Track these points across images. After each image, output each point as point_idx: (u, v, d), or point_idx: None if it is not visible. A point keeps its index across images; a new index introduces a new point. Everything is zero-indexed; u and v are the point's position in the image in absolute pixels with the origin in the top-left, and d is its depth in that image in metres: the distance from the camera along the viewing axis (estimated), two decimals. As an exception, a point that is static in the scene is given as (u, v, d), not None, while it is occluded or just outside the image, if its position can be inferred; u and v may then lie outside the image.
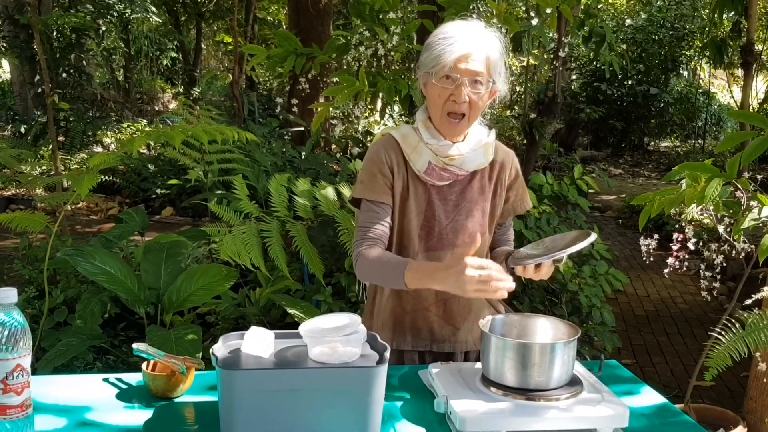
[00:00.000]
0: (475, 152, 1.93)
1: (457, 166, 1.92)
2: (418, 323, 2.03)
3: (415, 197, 1.96)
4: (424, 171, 1.92)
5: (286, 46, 3.82)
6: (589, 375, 1.74)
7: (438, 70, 1.82)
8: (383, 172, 1.93)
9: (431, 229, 1.97)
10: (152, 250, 3.63)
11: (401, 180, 1.95)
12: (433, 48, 1.84)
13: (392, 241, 2.00)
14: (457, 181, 1.97)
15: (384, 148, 1.96)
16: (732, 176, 2.69)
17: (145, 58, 18.76)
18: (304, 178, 4.04)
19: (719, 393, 4.21)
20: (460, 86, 1.82)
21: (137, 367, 1.75)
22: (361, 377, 1.48)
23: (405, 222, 1.97)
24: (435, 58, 1.82)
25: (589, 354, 3.80)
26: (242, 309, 3.77)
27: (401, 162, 1.95)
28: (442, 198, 1.97)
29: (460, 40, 1.81)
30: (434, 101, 1.88)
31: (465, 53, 1.80)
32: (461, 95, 1.82)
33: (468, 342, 2.06)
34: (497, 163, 2.01)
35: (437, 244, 1.98)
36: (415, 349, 2.05)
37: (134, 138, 3.47)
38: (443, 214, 1.97)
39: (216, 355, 1.52)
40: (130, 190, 9.11)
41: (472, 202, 1.98)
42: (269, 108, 11.79)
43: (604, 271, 4.01)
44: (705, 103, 16.59)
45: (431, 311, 2.02)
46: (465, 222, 1.98)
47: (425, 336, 2.04)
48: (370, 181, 1.94)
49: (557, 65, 5.22)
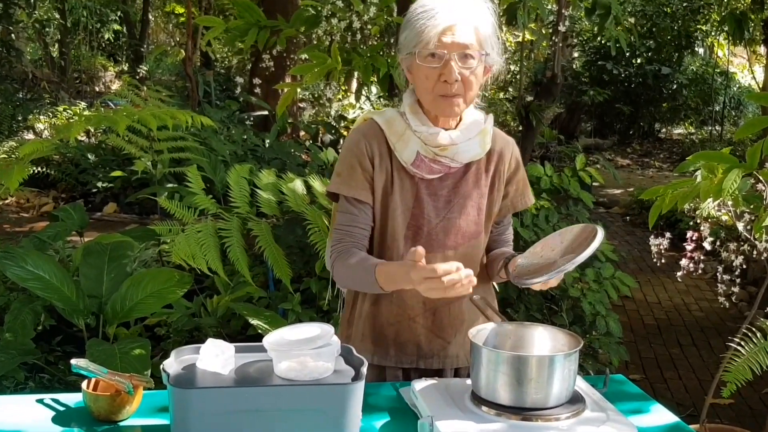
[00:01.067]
0: (470, 141, 1.93)
1: (450, 157, 1.91)
2: (402, 336, 2.03)
3: (401, 192, 1.95)
4: (412, 162, 1.92)
5: (247, 17, 3.80)
6: (593, 391, 1.75)
7: (422, 48, 1.82)
8: (363, 165, 1.94)
9: (419, 228, 1.97)
10: (93, 253, 3.60)
11: (384, 173, 1.95)
12: (412, 25, 1.84)
13: (374, 243, 2.00)
14: (450, 174, 1.96)
15: (365, 136, 1.96)
16: (753, 167, 2.72)
17: (83, 31, 18.58)
18: (269, 169, 4.03)
19: (739, 412, 4.26)
20: (448, 63, 1.81)
21: (76, 387, 1.74)
22: (334, 396, 1.49)
23: (389, 221, 1.97)
24: (416, 35, 1.82)
25: (593, 368, 3.83)
26: (197, 320, 3.76)
27: (385, 152, 1.95)
28: (432, 193, 1.97)
29: (442, 11, 1.80)
30: (422, 84, 1.87)
31: (449, 24, 1.80)
32: (452, 73, 1.81)
33: (460, 357, 2.06)
34: (495, 153, 2.01)
35: (426, 246, 1.92)
36: (399, 366, 2.04)
37: (71, 123, 3.44)
38: (433, 212, 1.97)
39: (167, 371, 1.52)
40: (66, 183, 9.04)
41: (466, 198, 1.98)
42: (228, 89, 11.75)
43: (610, 274, 4.05)
44: (723, 84, 16.75)
45: (418, 322, 2.02)
46: (458, 220, 1.98)
47: (411, 350, 2.04)
48: (349, 175, 1.94)
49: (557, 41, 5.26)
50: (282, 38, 3.88)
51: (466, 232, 1.98)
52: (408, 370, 2.05)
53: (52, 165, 8.94)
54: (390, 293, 1.98)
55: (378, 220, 1.98)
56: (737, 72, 18.11)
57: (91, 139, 10.34)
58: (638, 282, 6.54)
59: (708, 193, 2.70)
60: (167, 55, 18.98)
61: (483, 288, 2.09)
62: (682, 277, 2.94)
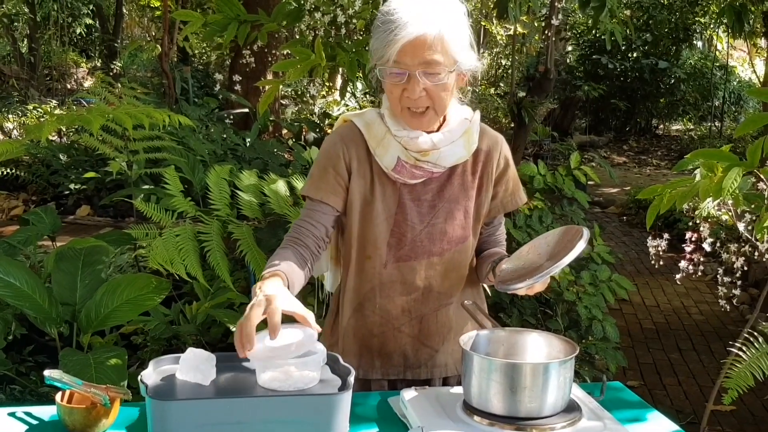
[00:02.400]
0: (453, 144, 1.91)
1: (432, 162, 1.90)
2: (388, 346, 2.03)
3: (382, 199, 1.95)
4: (393, 168, 1.91)
5: (226, 11, 3.80)
6: (589, 399, 1.76)
7: (383, 62, 1.80)
8: (337, 170, 1.93)
9: (403, 235, 1.96)
10: (66, 258, 3.59)
11: (363, 180, 1.94)
12: (377, 35, 1.81)
13: (351, 254, 1.99)
14: (434, 178, 1.95)
15: (342, 141, 1.95)
16: (754, 165, 2.74)
17: (54, 25, 18.52)
18: (250, 169, 4.03)
19: (741, 419, 4.29)
20: (412, 78, 1.79)
21: (50, 399, 1.74)
22: (320, 406, 1.49)
23: (369, 229, 1.96)
24: (378, 50, 1.80)
25: (589, 375, 3.84)
26: (176, 327, 3.75)
27: (364, 157, 1.94)
28: (416, 198, 1.96)
29: (403, 21, 1.75)
30: (389, 96, 1.87)
31: (411, 38, 1.74)
32: (415, 90, 1.79)
33: (448, 365, 2.07)
34: (482, 153, 1.99)
35: (410, 254, 1.97)
36: (386, 378, 2.05)
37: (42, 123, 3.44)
38: (417, 218, 1.96)
39: (145, 382, 1.52)
40: (37, 185, 9.00)
41: (452, 202, 1.97)
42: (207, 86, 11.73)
43: (607, 277, 4.06)
44: (723, 79, 16.87)
45: (404, 331, 2.02)
46: (443, 226, 1.97)
47: (397, 361, 2.04)
48: (320, 178, 1.94)
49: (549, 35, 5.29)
50: (263, 33, 3.88)
51: (452, 237, 1.98)
52: (394, 382, 2.05)
53: (21, 166, 8.89)
54: (373, 303, 1.99)
55: (357, 227, 1.97)
56: (737, 66, 18.25)
57: (62, 139, 10.30)
58: (636, 285, 6.57)
59: (707, 193, 2.71)
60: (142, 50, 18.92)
61: (472, 292, 2.10)
62: (682, 280, 2.96)
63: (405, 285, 1.99)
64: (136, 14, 22.13)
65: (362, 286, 2.02)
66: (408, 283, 1.98)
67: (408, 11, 1.76)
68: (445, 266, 2.00)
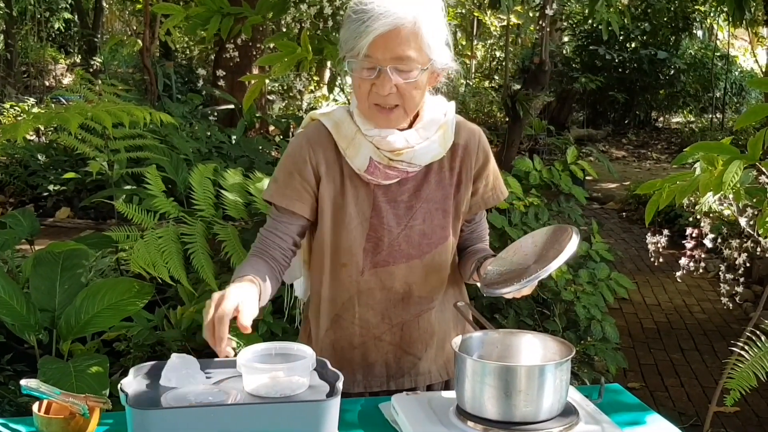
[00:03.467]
0: (428, 141, 1.87)
1: (406, 161, 1.86)
2: (369, 357, 2.01)
3: (355, 202, 1.91)
4: (365, 169, 1.87)
5: (209, 3, 3.80)
6: (587, 403, 1.77)
7: (353, 55, 1.76)
8: (303, 175, 1.90)
9: (379, 240, 1.93)
10: (44, 262, 3.58)
11: (333, 184, 1.91)
12: (349, 24, 1.77)
13: (325, 262, 1.96)
14: (409, 177, 1.91)
15: (309, 143, 1.91)
16: (755, 158, 2.75)
17: (31, 20, 18.47)
18: (235, 168, 4.03)
19: (745, 420, 4.31)
20: (382, 74, 1.75)
21: (27, 410, 1.74)
22: (308, 413, 1.49)
23: (343, 235, 1.92)
24: (346, 42, 1.76)
25: (588, 377, 3.85)
26: (160, 333, 3.75)
27: (333, 159, 1.90)
28: (391, 200, 1.92)
29: (376, 12, 1.71)
30: (356, 91, 1.82)
31: (383, 31, 1.71)
32: (384, 87, 1.75)
33: (432, 373, 2.05)
34: (460, 147, 1.95)
35: (388, 258, 1.94)
36: (368, 390, 2.02)
37: (19, 122, 3.43)
38: (393, 220, 1.93)
39: (125, 391, 1.51)
40: (14, 186, 8.97)
41: (430, 202, 1.94)
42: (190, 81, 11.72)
43: (606, 275, 4.07)
44: (724, 69, 16.91)
45: (384, 340, 2.00)
46: (422, 227, 1.94)
47: (379, 372, 2.02)
48: (285, 184, 1.91)
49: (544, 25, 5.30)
50: (247, 26, 3.88)
51: (431, 238, 1.95)
52: (377, 394, 2.01)
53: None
54: (352, 313, 1.97)
55: (329, 234, 1.94)
56: (739, 56, 18.29)
57: (41, 138, 10.28)
58: (636, 283, 6.59)
59: (708, 187, 2.72)
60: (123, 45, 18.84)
61: (454, 293, 2.08)
62: (683, 277, 2.97)
63: (384, 291, 1.96)
64: (117, 8, 22.09)
65: (339, 296, 1.98)
66: (387, 289, 1.95)
67: (382, 2, 1.72)
68: (426, 269, 1.97)
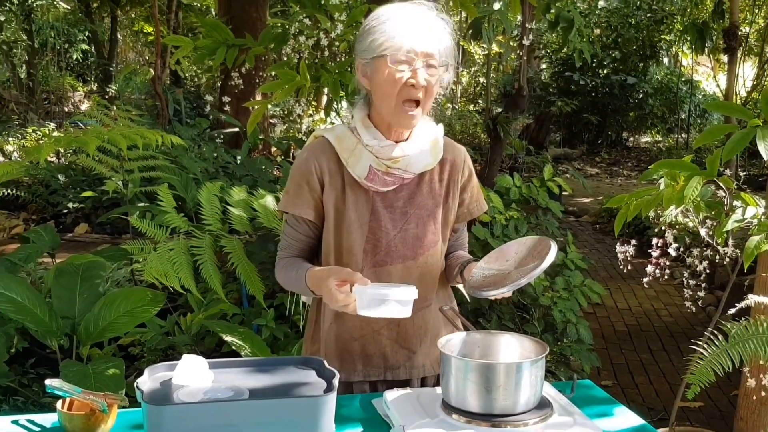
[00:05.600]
0: (421, 152, 1.96)
1: (402, 168, 1.94)
2: (368, 349, 2.05)
3: (355, 207, 1.97)
4: (365, 177, 1.94)
5: (215, 36, 3.82)
6: (560, 397, 1.79)
7: (393, 51, 1.84)
8: (310, 184, 1.97)
9: (378, 241, 1.99)
10: (65, 274, 3.59)
11: (335, 191, 1.97)
12: (380, 29, 1.86)
13: (330, 260, 2.02)
14: (404, 185, 1.99)
15: (314, 155, 1.98)
16: (713, 174, 2.78)
17: (51, 51, 18.47)
18: (240, 186, 4.04)
19: (709, 415, 4.32)
20: (416, 69, 1.85)
21: (51, 408, 1.75)
22: (307, 408, 1.51)
23: (345, 237, 1.98)
24: (388, 40, 1.84)
25: (564, 375, 3.87)
26: (171, 338, 3.76)
27: (335, 169, 1.97)
28: (388, 205, 1.99)
29: (411, 20, 1.84)
30: (386, 89, 1.88)
31: (420, 32, 1.84)
32: (419, 78, 1.85)
33: (425, 366, 2.09)
34: (447, 162, 2.04)
35: (385, 258, 1.99)
36: (367, 379, 2.06)
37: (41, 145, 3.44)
38: (390, 224, 1.99)
39: (141, 389, 1.53)
40: (37, 204, 8.96)
41: (422, 208, 2.01)
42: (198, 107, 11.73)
43: (580, 282, 4.10)
44: (688, 93, 16.97)
45: (383, 334, 2.04)
46: (416, 231, 2.00)
47: (377, 363, 2.06)
48: (295, 194, 1.99)
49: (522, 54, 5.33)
50: (250, 56, 3.91)
51: (424, 242, 2.01)
52: (375, 383, 2.07)
53: (21, 187, 8.86)
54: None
55: (332, 235, 2.00)
56: (702, 80, 18.36)
57: (60, 160, 10.26)
58: (608, 289, 6.63)
59: (671, 201, 2.75)
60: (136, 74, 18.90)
61: (443, 294, 2.14)
62: (651, 283, 2.99)
63: None
64: (130, 39, 22.13)
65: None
66: None
67: (414, 13, 1.87)
68: (420, 270, 2.02)
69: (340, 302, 1.76)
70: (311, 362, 1.73)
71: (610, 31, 15.65)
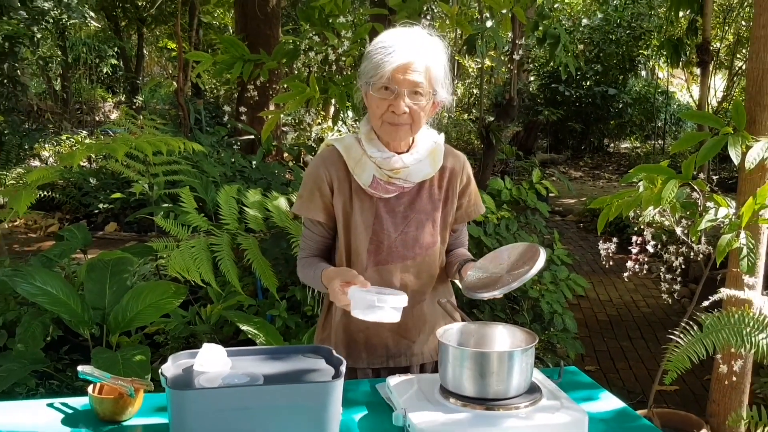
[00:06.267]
0: (420, 163, 1.94)
1: (403, 178, 1.93)
2: (372, 339, 2.05)
3: (361, 212, 1.97)
4: (369, 185, 1.94)
5: (232, 51, 3.82)
6: (548, 382, 1.78)
7: (376, 80, 1.83)
8: (321, 190, 1.97)
9: (380, 242, 1.99)
10: (96, 269, 3.59)
11: (343, 196, 1.97)
12: (371, 57, 1.85)
13: (342, 259, 2.02)
14: (405, 192, 1.98)
15: (324, 164, 1.98)
16: (687, 177, 2.78)
17: (83, 66, 18.48)
18: (255, 188, 4.04)
19: (684, 397, 4.31)
20: (398, 97, 1.83)
21: (83, 392, 1.75)
22: (316, 393, 1.50)
23: (351, 238, 1.99)
24: (373, 68, 1.83)
25: (552, 361, 3.86)
26: (193, 327, 3.75)
27: (343, 176, 1.97)
28: (390, 210, 1.98)
29: (399, 49, 1.81)
30: (373, 112, 1.89)
31: (404, 63, 1.81)
32: (400, 106, 1.83)
33: (424, 354, 2.09)
34: (447, 170, 2.03)
35: (387, 258, 1.99)
36: (371, 367, 2.06)
37: (74, 151, 3.44)
38: (392, 227, 1.99)
39: (165, 375, 1.52)
40: (70, 205, 8.97)
41: (422, 213, 2.00)
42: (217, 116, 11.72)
43: (565, 276, 4.09)
44: (664, 103, 16.94)
45: (385, 326, 2.02)
46: (415, 233, 2.00)
47: (381, 352, 2.06)
48: (308, 199, 2.00)
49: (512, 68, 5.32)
50: (265, 70, 3.90)
51: (423, 243, 2.01)
52: (378, 370, 2.07)
53: (57, 189, 8.87)
54: None
55: (342, 236, 2.00)
56: (677, 91, 18.33)
57: (92, 164, 10.27)
58: (591, 282, 6.62)
59: (649, 202, 2.75)
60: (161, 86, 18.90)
61: (442, 288, 2.13)
62: (630, 277, 2.99)
63: (384, 285, 1.99)
64: (155, 55, 22.15)
65: None
66: (387, 284, 1.99)
67: (404, 41, 1.83)
68: (418, 268, 2.02)
69: (342, 302, 1.79)
70: (320, 350, 1.73)
71: (593, 46, 15.62)
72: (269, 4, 9.70)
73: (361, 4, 9.35)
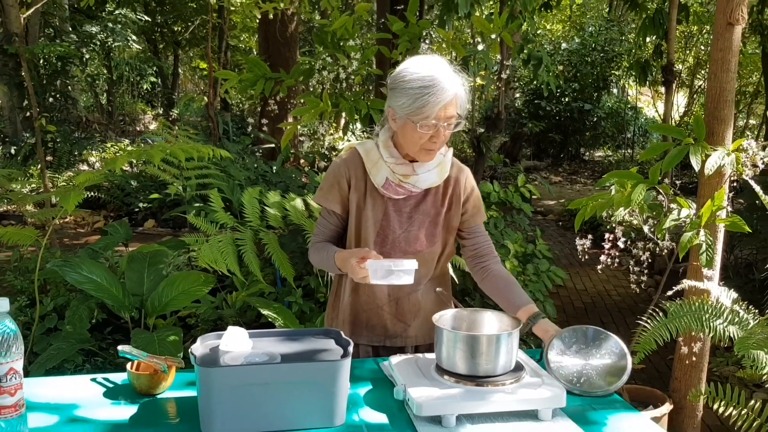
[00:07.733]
0: (428, 172, 1.92)
1: (411, 183, 1.92)
2: (372, 320, 2.05)
3: (372, 208, 1.97)
4: (382, 185, 1.93)
5: (256, 71, 3.81)
6: (531, 361, 1.77)
7: (422, 119, 1.78)
8: (341, 185, 1.96)
9: (386, 237, 1.98)
10: (136, 260, 3.60)
11: (358, 193, 1.96)
12: (411, 94, 1.77)
13: (350, 247, 2.01)
14: (412, 195, 1.97)
15: (346, 163, 1.97)
16: (654, 182, 2.76)
17: (126, 82, 18.52)
18: (275, 190, 4.03)
19: (650, 375, 4.30)
20: (441, 130, 1.80)
21: (123, 368, 1.74)
22: (327, 370, 1.50)
23: (362, 230, 1.98)
24: (420, 108, 1.76)
25: (534, 343, 3.84)
26: (220, 311, 3.75)
27: (360, 176, 1.96)
28: (398, 210, 1.98)
29: (440, 88, 1.75)
30: (413, 141, 1.83)
31: (447, 101, 1.76)
32: (441, 138, 1.82)
33: (418, 337, 2.08)
34: (452, 179, 2.00)
35: (390, 251, 1.99)
36: (370, 344, 2.06)
37: (117, 157, 3.44)
38: (397, 225, 1.98)
39: (194, 354, 1.52)
40: (114, 204, 8.98)
41: (425, 215, 1.99)
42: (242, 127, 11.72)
43: (546, 268, 4.07)
44: (633, 117, 16.90)
45: (384, 309, 2.03)
46: (417, 232, 1.99)
47: (379, 332, 2.05)
48: (328, 191, 1.98)
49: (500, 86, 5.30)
50: (284, 87, 3.89)
51: (423, 241, 1.99)
52: (377, 348, 2.07)
53: (102, 190, 8.88)
54: (365, 287, 2.02)
55: (353, 228, 1.99)
56: (644, 107, 18.29)
57: (133, 169, 10.27)
58: (569, 274, 6.60)
59: (620, 204, 2.73)
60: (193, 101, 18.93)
61: (442, 280, 2.12)
62: (603, 269, 2.98)
63: None
64: (189, 73, 22.16)
65: None
66: None
67: (442, 79, 1.76)
68: (417, 262, 2.00)
69: (360, 275, 1.76)
70: (330, 333, 1.72)
71: (571, 67, 15.58)
72: (288, 29, 9.70)
73: (369, 30, 9.34)
